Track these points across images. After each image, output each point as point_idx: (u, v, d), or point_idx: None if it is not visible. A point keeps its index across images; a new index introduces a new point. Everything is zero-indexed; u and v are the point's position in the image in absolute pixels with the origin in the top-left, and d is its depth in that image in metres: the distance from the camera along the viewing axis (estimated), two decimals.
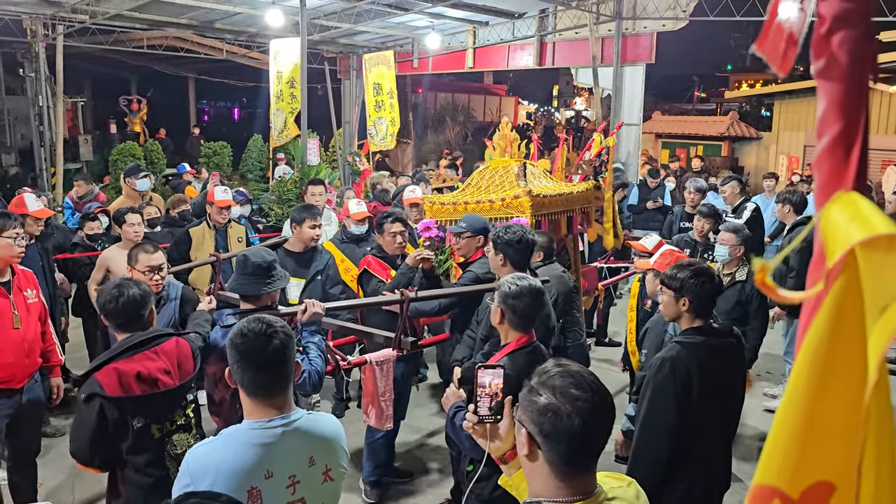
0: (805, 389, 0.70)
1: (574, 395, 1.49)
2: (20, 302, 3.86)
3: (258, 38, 14.72)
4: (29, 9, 12.15)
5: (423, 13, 13.24)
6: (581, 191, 5.20)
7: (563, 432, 1.47)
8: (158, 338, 2.85)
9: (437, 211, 4.97)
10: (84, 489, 4.49)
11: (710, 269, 3.09)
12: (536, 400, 1.52)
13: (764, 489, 0.73)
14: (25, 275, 4.02)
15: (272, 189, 9.40)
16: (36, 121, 13.78)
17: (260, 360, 1.98)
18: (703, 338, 2.95)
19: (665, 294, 3.07)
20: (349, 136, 17.13)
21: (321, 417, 2.16)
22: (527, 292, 2.73)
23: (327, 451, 2.09)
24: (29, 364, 3.91)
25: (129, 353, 2.75)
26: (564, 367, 1.57)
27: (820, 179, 0.72)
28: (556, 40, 13.98)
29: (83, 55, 15.88)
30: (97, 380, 2.65)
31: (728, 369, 2.98)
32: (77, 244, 5.93)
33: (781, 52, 0.75)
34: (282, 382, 2.03)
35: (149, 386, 2.72)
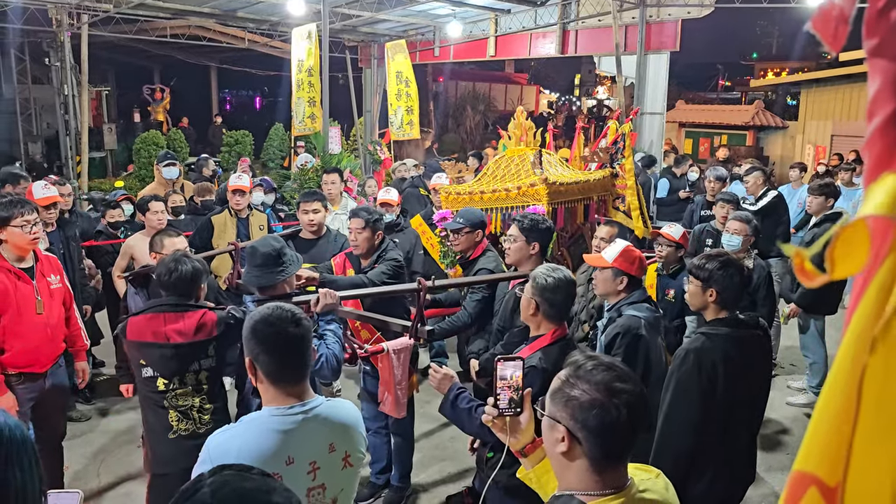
0: (848, 376, 0.67)
1: (619, 388, 1.48)
2: (43, 287, 3.91)
3: (280, 26, 14.77)
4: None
5: (445, 1, 13.19)
6: (598, 178, 5.18)
7: (610, 426, 1.46)
8: (189, 305, 3.12)
9: (453, 201, 4.97)
10: (109, 473, 4.59)
11: (738, 262, 3.06)
12: (577, 396, 1.50)
13: (803, 476, 0.71)
14: (49, 260, 4.06)
15: (294, 177, 9.45)
16: (61, 110, 13.98)
17: (280, 348, 2.00)
18: (728, 329, 2.91)
19: (692, 284, 3.03)
20: (370, 125, 17.14)
21: (340, 404, 2.17)
22: (563, 284, 2.71)
23: (346, 438, 2.10)
24: (52, 349, 3.97)
25: (159, 310, 3.08)
26: (599, 360, 1.56)
27: (870, 162, 0.69)
28: (579, 28, 13.85)
29: (107, 44, 16.05)
30: (127, 324, 3.08)
31: (754, 362, 2.93)
32: (101, 232, 6.01)
33: (833, 31, 0.72)
34: (301, 370, 2.05)
35: (161, 339, 3.02)
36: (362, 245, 4.15)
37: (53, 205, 5.08)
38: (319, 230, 4.91)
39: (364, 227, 4.13)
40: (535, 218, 3.68)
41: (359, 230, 4.13)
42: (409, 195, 7.47)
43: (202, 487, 1.17)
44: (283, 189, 9.35)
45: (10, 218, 3.75)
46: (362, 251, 4.18)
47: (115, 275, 5.32)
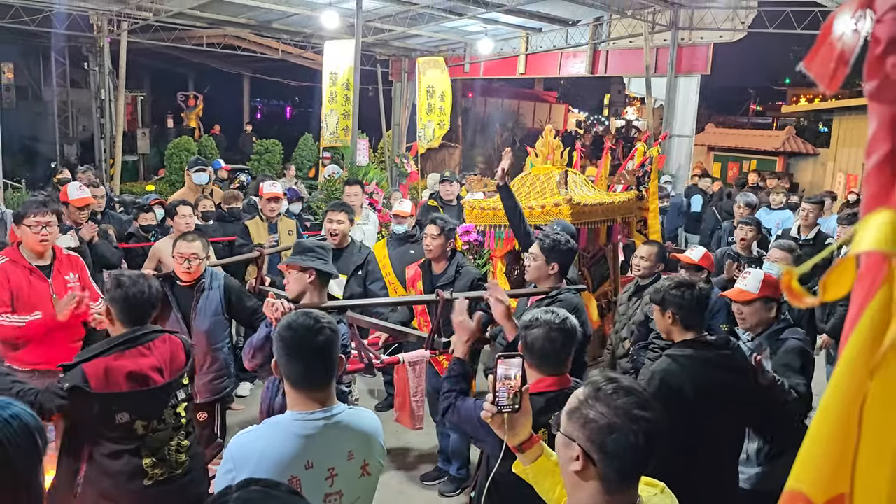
0: (842, 402, 0.70)
1: (639, 415, 1.50)
2: (60, 285, 3.95)
3: (313, 38, 14.99)
4: (96, 5, 12.62)
5: (477, 18, 13.29)
6: (623, 200, 5.18)
7: (627, 451, 1.48)
8: (150, 334, 2.81)
9: (476, 215, 5.00)
10: None
11: (691, 281, 3.07)
12: (595, 418, 1.51)
13: (793, 495, 0.74)
14: (70, 259, 4.11)
15: (321, 187, 9.56)
16: (97, 113, 14.31)
17: (306, 354, 2.03)
18: (694, 351, 2.87)
19: (655, 310, 3.06)
20: (398, 138, 17.28)
21: (361, 413, 2.20)
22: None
23: (366, 447, 2.12)
24: (67, 348, 3.93)
25: (122, 348, 2.71)
26: (619, 383, 1.57)
27: (867, 197, 0.73)
28: (610, 49, 13.88)
29: (144, 51, 16.40)
30: (84, 372, 2.61)
31: (725, 382, 2.82)
32: (132, 234, 6.13)
33: (831, 71, 0.75)
34: (325, 376, 2.07)
35: (138, 383, 2.68)
36: (436, 251, 4.44)
37: (87, 206, 5.20)
38: (342, 241, 4.98)
39: (439, 233, 4.40)
40: (557, 238, 3.69)
41: (434, 236, 4.41)
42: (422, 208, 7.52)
43: (227, 502, 1.19)
44: (310, 199, 9.47)
45: (23, 216, 3.85)
46: (435, 256, 4.47)
47: None
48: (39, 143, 17.93)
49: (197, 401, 3.92)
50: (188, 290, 3.91)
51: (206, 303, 3.93)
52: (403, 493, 4.67)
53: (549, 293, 3.63)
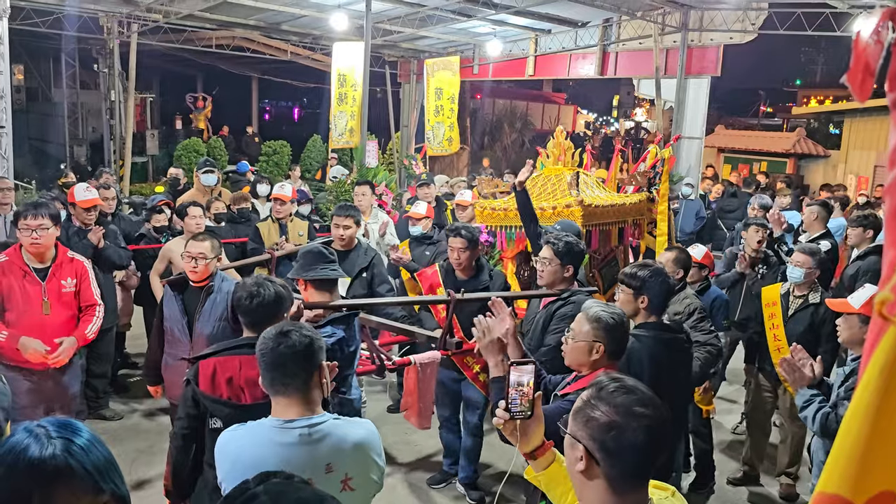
0: (870, 401, 0.74)
1: (639, 412, 1.50)
2: (53, 289, 3.96)
3: (322, 40, 15.01)
4: (107, 7, 12.67)
5: (486, 20, 13.27)
6: (634, 202, 5.15)
7: (627, 450, 1.48)
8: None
9: (487, 216, 4.98)
10: (139, 472, 4.67)
11: (664, 270, 3.39)
12: (596, 416, 1.52)
13: (827, 497, 0.77)
14: (72, 264, 4.10)
15: (329, 189, 9.56)
16: (107, 115, 14.37)
17: (269, 360, 2.05)
18: (656, 332, 3.15)
19: (624, 293, 3.25)
20: (407, 140, 17.29)
21: (349, 424, 2.14)
22: (625, 319, 2.68)
23: (349, 460, 2.07)
24: (55, 350, 3.95)
25: (237, 352, 2.69)
26: (622, 383, 1.57)
27: (890, 207, 0.77)
28: (619, 50, 13.84)
29: (153, 53, 16.45)
30: (199, 368, 2.67)
31: (676, 363, 3.16)
32: (143, 235, 6.14)
33: (860, 83, 0.79)
34: (297, 382, 2.06)
35: (233, 392, 2.65)
36: (465, 263, 4.30)
37: (94, 207, 5.19)
38: (350, 243, 4.98)
39: (466, 246, 4.27)
40: (569, 241, 3.66)
41: (461, 249, 4.27)
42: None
43: (257, 495, 1.18)
44: (317, 200, 9.47)
45: (17, 220, 3.91)
46: (464, 268, 4.34)
47: (153, 278, 5.43)
48: (49, 145, 18.02)
49: None
50: (197, 291, 3.90)
51: (211, 306, 3.89)
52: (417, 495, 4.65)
53: (562, 295, 3.61)
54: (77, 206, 5.15)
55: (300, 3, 12.30)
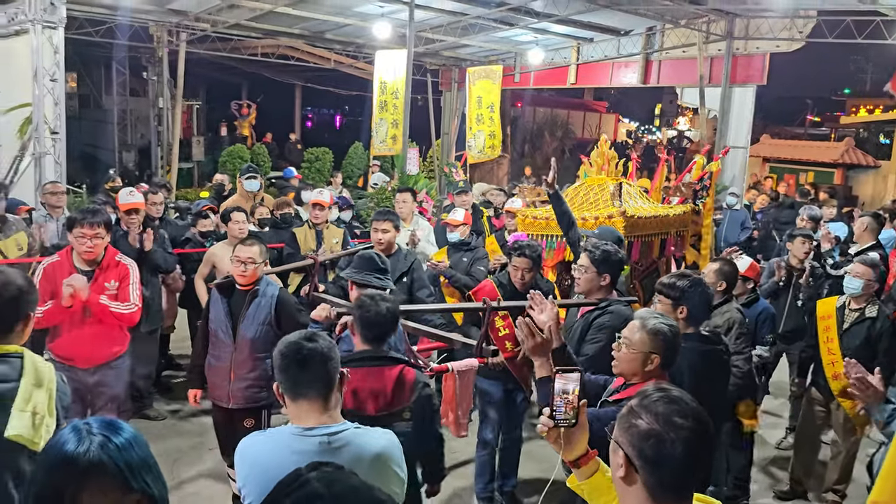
0: None
1: (678, 423, 1.50)
2: (96, 290, 4.03)
3: (365, 48, 15.17)
4: (157, 17, 13.02)
5: (528, 28, 13.28)
6: (678, 213, 5.08)
7: (665, 459, 1.48)
8: (389, 360, 2.84)
9: (529, 224, 4.97)
10: (180, 472, 4.75)
11: (704, 281, 3.32)
12: (637, 424, 1.54)
13: None
14: (118, 267, 4.18)
15: (370, 196, 9.64)
16: (155, 121, 14.75)
17: (290, 364, 2.05)
18: (695, 343, 3.07)
19: (662, 303, 3.19)
20: (447, 147, 17.35)
21: (370, 434, 2.12)
22: (678, 330, 2.65)
23: (369, 471, 2.01)
24: (98, 351, 4.07)
25: (357, 364, 2.73)
26: (666, 393, 1.58)
27: None
28: (663, 58, 13.71)
29: (200, 61, 16.81)
30: None
31: (714, 375, 3.12)
32: (188, 239, 6.27)
33: None
34: (319, 387, 2.06)
35: (357, 404, 2.70)
36: (529, 282, 4.17)
37: (135, 210, 5.31)
38: (389, 248, 5.01)
39: (531, 267, 4.16)
40: (607, 249, 3.64)
41: (526, 269, 4.15)
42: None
43: (309, 480, 1.20)
44: (358, 206, 9.55)
45: (72, 226, 4.01)
46: (526, 288, 4.11)
47: (198, 281, 5.53)
48: (100, 150, 18.51)
49: (231, 406, 3.99)
50: (243, 294, 3.96)
51: (255, 310, 3.96)
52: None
53: (599, 304, 3.59)
54: (119, 208, 5.30)
55: (344, 13, 12.46)
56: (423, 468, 3.04)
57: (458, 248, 5.73)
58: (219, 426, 4.16)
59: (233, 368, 3.93)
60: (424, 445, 2.94)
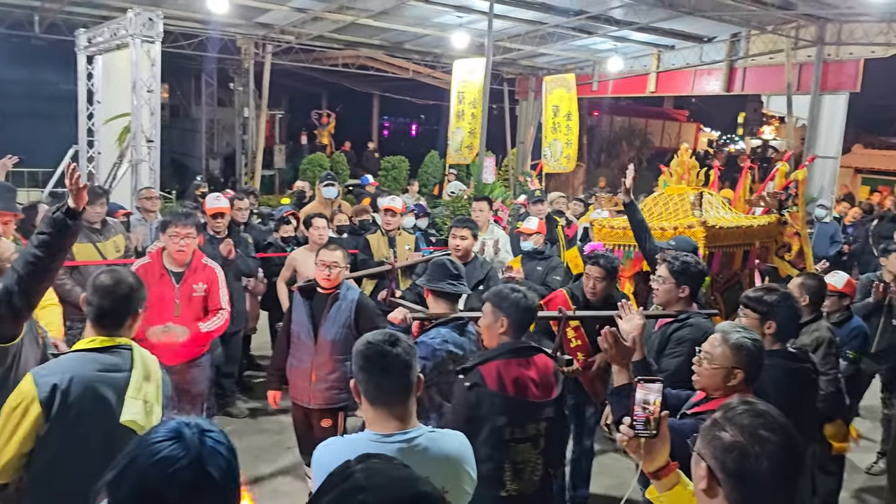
0: None
1: (763, 436, 1.47)
2: (185, 292, 4.25)
3: (443, 58, 15.34)
4: (245, 30, 13.56)
5: (607, 36, 13.14)
6: (762, 224, 4.92)
7: (749, 473, 1.45)
8: (532, 350, 2.96)
9: (605, 234, 4.92)
10: (260, 469, 4.89)
11: (793, 295, 3.19)
12: (721, 436, 1.51)
13: None
14: (205, 270, 4.39)
15: (446, 204, 9.72)
16: (240, 130, 15.34)
17: (375, 368, 2.05)
18: (781, 360, 2.96)
19: (748, 318, 3.06)
20: (522, 156, 17.31)
21: (445, 436, 2.15)
22: (762, 345, 2.59)
23: (447, 472, 2.06)
24: (183, 350, 4.21)
25: (509, 356, 2.86)
26: (752, 406, 1.55)
27: None
28: (748, 66, 13.30)
29: (283, 72, 17.37)
30: (481, 372, 2.79)
31: (801, 394, 3.00)
32: (270, 244, 6.48)
33: None
34: (400, 393, 2.07)
35: (520, 391, 2.82)
36: (600, 294, 4.15)
37: (221, 215, 5.54)
38: (466, 256, 5.04)
39: (604, 276, 4.13)
40: (686, 260, 3.56)
41: (598, 279, 4.12)
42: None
43: (354, 472, 1.21)
44: (433, 214, 9.64)
45: (167, 226, 4.23)
46: (599, 298, 4.16)
47: (280, 285, 5.71)
48: (188, 158, 19.36)
49: (311, 406, 4.09)
50: (324, 298, 4.08)
51: (336, 313, 4.06)
52: None
53: (678, 316, 3.51)
54: (206, 213, 5.54)
55: (423, 23, 12.65)
56: (556, 453, 3.07)
57: (532, 257, 5.71)
58: (298, 425, 4.28)
59: (313, 370, 4.04)
60: (566, 429, 3.11)
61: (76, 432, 2.27)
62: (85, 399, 2.32)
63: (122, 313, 2.49)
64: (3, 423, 2.30)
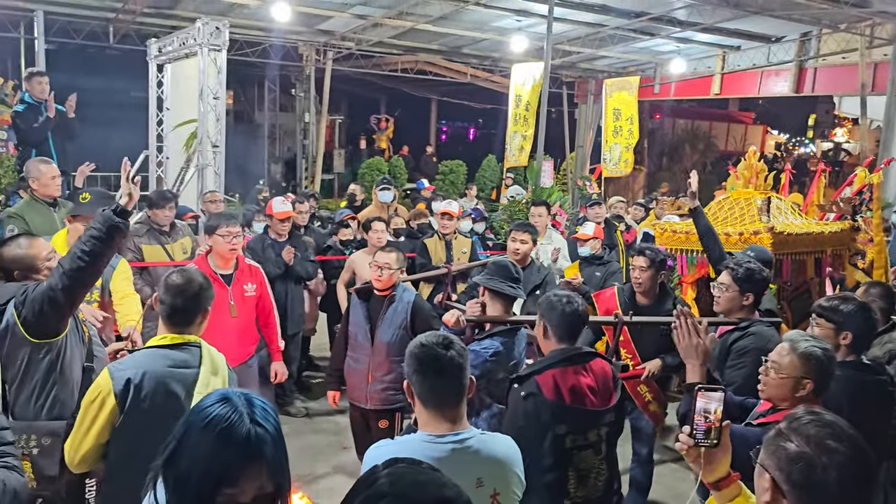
0: None
1: (831, 446, 1.41)
2: (238, 293, 4.33)
3: (501, 62, 15.32)
4: (307, 37, 13.84)
5: (670, 38, 12.88)
6: (834, 231, 4.73)
7: (816, 485, 1.40)
8: (588, 355, 2.94)
9: (667, 239, 4.81)
10: (318, 468, 4.97)
11: (870, 305, 3.06)
12: (786, 446, 1.46)
13: None
14: (251, 269, 4.49)
15: (504, 208, 9.68)
16: (300, 135, 15.65)
17: (431, 370, 2.06)
18: (855, 372, 2.86)
19: (821, 327, 2.95)
20: (581, 160, 17.11)
21: (495, 439, 2.17)
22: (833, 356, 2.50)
23: (497, 475, 2.08)
24: (240, 349, 4.30)
25: (564, 364, 2.84)
26: (819, 416, 1.50)
27: None
28: (818, 66, 12.83)
29: (342, 77, 17.65)
30: (537, 382, 2.77)
31: (877, 408, 2.86)
32: (330, 247, 6.58)
33: None
34: (455, 396, 2.09)
35: (578, 399, 2.79)
36: (645, 283, 4.15)
37: (287, 218, 5.64)
38: (524, 260, 5.00)
39: (649, 266, 4.13)
40: (750, 267, 3.45)
41: (642, 268, 4.14)
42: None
43: (379, 478, 1.22)
44: (491, 219, 9.61)
45: (216, 227, 4.28)
46: (645, 290, 4.18)
47: (339, 287, 5.79)
48: (251, 162, 19.83)
49: (367, 406, 4.13)
50: (380, 300, 4.11)
51: (392, 315, 4.10)
52: None
53: (740, 324, 3.41)
54: (273, 217, 5.62)
55: (482, 28, 12.66)
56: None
57: (590, 263, 5.63)
58: (355, 425, 4.33)
59: (370, 371, 4.08)
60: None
61: (147, 425, 2.35)
62: (156, 393, 2.42)
63: (192, 311, 2.59)
64: (82, 414, 2.43)
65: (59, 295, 2.65)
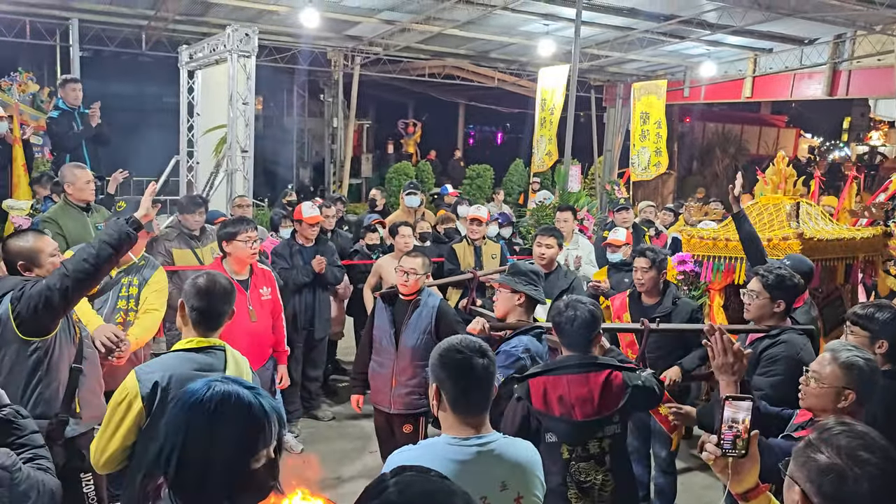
0: None
1: (863, 457, 1.39)
2: (255, 297, 4.36)
3: (528, 66, 15.30)
4: (335, 43, 13.97)
5: (700, 41, 12.75)
6: (866, 237, 4.65)
7: (847, 497, 1.37)
8: (594, 366, 2.85)
9: (694, 245, 4.76)
10: (344, 472, 4.97)
11: None
12: (816, 458, 1.44)
13: None
14: (264, 274, 4.53)
15: (531, 213, 9.66)
16: (329, 140, 15.78)
17: (465, 377, 2.07)
18: (891, 382, 2.72)
19: (856, 335, 2.88)
20: (609, 165, 17.00)
21: (517, 443, 2.18)
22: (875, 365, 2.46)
23: (520, 478, 2.10)
24: (258, 353, 4.33)
25: (563, 371, 2.80)
26: (850, 427, 1.48)
27: None
28: (853, 68, 12.60)
29: (371, 82, 17.76)
30: (528, 386, 2.77)
31: None
32: (356, 251, 6.62)
33: None
34: (482, 402, 2.10)
35: (565, 409, 2.75)
36: (647, 284, 4.26)
37: (317, 223, 5.68)
38: (550, 265, 4.99)
39: (650, 266, 4.21)
40: (781, 273, 3.39)
41: (644, 269, 4.23)
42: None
43: (388, 487, 1.22)
44: (518, 224, 9.59)
45: (236, 233, 4.29)
46: (648, 289, 4.28)
47: (366, 291, 5.82)
48: (279, 167, 20.05)
49: (392, 411, 4.14)
50: (405, 304, 4.13)
51: (417, 319, 4.12)
52: None
53: (770, 332, 3.35)
54: (303, 221, 5.65)
55: (510, 32, 12.65)
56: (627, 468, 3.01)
57: (619, 269, 5.60)
58: (380, 430, 4.35)
59: (395, 375, 4.10)
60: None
61: None
62: None
63: (220, 314, 2.66)
64: (109, 416, 2.47)
65: (56, 295, 2.69)
